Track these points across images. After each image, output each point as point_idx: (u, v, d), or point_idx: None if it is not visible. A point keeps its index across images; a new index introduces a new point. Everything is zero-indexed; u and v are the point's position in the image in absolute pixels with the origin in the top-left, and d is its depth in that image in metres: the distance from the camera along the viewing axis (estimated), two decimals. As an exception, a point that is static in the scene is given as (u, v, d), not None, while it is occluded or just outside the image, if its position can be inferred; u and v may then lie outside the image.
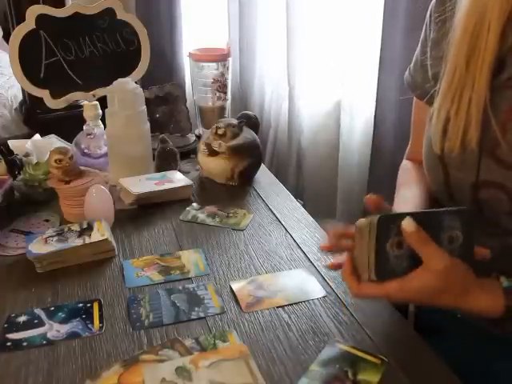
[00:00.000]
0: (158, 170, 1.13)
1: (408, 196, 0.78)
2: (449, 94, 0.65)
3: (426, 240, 0.58)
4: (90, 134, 1.14)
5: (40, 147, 1.11)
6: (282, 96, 1.63)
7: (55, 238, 0.85)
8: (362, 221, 0.60)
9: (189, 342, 0.67)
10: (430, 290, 0.58)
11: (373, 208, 0.64)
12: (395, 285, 0.58)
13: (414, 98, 0.84)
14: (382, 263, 0.59)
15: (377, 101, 1.39)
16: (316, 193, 1.62)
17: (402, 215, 0.59)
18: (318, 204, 1.58)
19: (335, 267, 0.71)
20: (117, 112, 1.04)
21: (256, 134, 1.16)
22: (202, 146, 1.12)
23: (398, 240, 0.59)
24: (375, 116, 1.41)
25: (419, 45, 0.79)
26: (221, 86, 1.34)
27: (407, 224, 0.58)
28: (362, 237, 0.60)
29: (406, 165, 0.89)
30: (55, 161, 0.94)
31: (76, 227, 0.89)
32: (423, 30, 0.78)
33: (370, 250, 0.59)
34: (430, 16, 0.76)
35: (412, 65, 0.82)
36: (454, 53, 0.65)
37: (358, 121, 1.45)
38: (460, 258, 0.59)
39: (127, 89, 1.05)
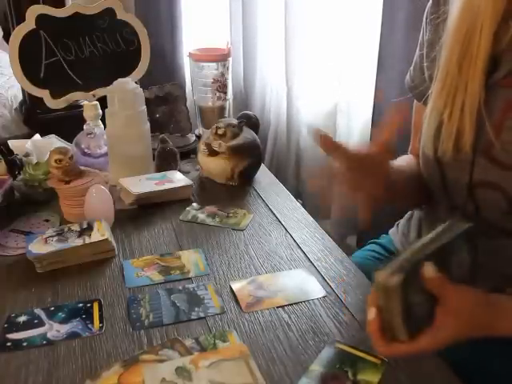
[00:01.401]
0: (158, 170, 1.13)
1: (401, 159, 0.81)
2: (441, 97, 0.65)
3: (447, 283, 0.56)
4: (90, 134, 1.14)
5: (40, 147, 1.11)
6: (281, 96, 1.63)
7: (55, 238, 0.85)
8: (383, 281, 0.55)
9: (189, 342, 0.67)
10: (460, 330, 0.56)
11: (328, 148, 0.61)
12: (428, 339, 0.56)
13: (415, 100, 0.84)
14: (408, 321, 0.56)
15: (375, 102, 1.39)
16: (315, 193, 1.62)
17: (417, 264, 0.55)
18: (317, 204, 1.58)
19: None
20: (117, 112, 1.04)
21: (256, 134, 1.16)
22: (202, 146, 1.12)
23: (416, 288, 0.55)
24: (373, 117, 1.41)
25: (418, 46, 0.79)
26: (221, 85, 1.34)
27: (427, 270, 0.55)
28: (386, 297, 0.56)
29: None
30: (55, 161, 0.94)
31: (76, 227, 0.88)
32: (421, 32, 0.78)
33: (395, 312, 0.55)
34: (426, 18, 0.76)
35: (412, 67, 0.82)
36: (446, 56, 0.65)
37: (356, 121, 1.45)
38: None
39: (127, 89, 1.05)
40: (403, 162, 0.82)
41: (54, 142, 1.19)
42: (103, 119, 1.11)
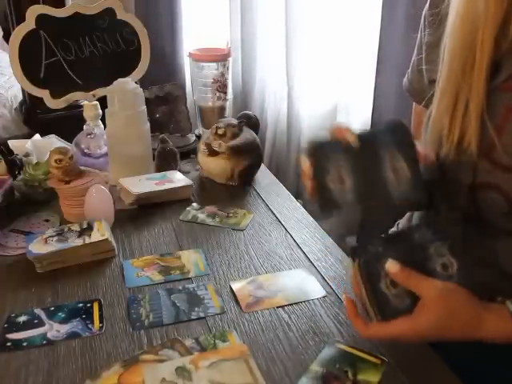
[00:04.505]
0: (158, 170, 1.13)
1: None
2: (443, 101, 0.65)
3: (414, 275, 0.58)
4: (90, 134, 1.14)
5: (40, 147, 1.11)
6: (281, 96, 1.63)
7: (55, 238, 0.85)
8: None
9: (189, 342, 0.67)
10: (437, 321, 0.57)
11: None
12: (406, 326, 0.57)
13: (414, 102, 0.84)
14: (381, 304, 0.59)
15: (374, 102, 1.39)
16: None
17: (383, 255, 0.59)
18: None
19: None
20: (117, 112, 1.04)
21: (256, 133, 1.16)
22: (202, 146, 1.12)
23: (390, 280, 0.59)
24: (372, 117, 1.41)
25: (415, 49, 0.79)
26: (221, 86, 1.34)
27: (390, 266, 0.58)
28: (357, 279, 0.61)
29: None
30: (55, 161, 0.94)
31: (76, 227, 0.89)
32: (419, 34, 0.77)
33: (366, 292, 0.60)
34: (425, 20, 0.75)
35: (410, 69, 0.82)
36: (448, 60, 0.64)
37: (356, 121, 1.45)
38: (461, 282, 0.58)
39: (127, 89, 1.05)
40: None
41: (54, 142, 1.19)
42: (103, 119, 1.11)
